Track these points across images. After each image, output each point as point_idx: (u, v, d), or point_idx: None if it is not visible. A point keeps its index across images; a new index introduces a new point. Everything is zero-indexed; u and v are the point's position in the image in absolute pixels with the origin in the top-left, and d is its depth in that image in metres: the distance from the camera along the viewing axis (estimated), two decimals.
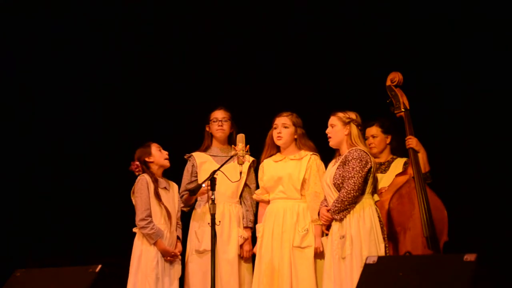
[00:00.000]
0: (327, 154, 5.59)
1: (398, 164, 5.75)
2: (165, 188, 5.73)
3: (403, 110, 5.57)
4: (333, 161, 5.40)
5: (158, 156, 5.74)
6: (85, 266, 4.22)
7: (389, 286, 3.77)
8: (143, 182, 5.65)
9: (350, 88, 6.44)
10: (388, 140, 5.84)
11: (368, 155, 5.23)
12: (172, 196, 5.78)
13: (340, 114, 5.34)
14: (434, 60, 6.32)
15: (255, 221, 5.85)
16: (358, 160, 5.18)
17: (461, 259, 3.63)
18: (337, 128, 5.33)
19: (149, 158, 5.71)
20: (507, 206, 6.01)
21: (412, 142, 5.51)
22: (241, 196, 5.91)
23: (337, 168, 5.26)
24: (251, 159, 5.88)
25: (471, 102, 6.19)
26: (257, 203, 5.88)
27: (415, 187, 5.40)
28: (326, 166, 5.60)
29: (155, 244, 5.59)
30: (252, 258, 5.77)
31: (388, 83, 5.64)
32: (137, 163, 5.71)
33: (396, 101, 5.58)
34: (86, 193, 6.81)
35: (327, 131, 5.36)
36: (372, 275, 3.86)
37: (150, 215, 5.60)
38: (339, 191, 5.21)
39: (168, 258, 5.63)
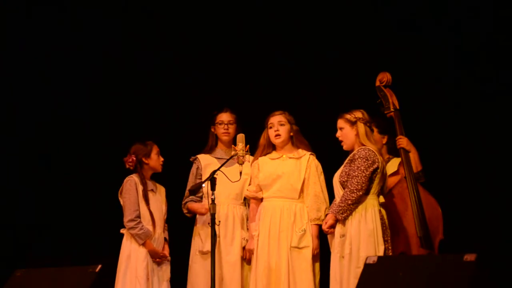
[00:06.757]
0: (323, 154, 5.60)
1: (394, 164, 5.74)
2: (152, 190, 5.74)
3: (392, 110, 5.60)
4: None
5: (155, 160, 5.73)
6: (85, 266, 4.24)
7: (389, 286, 3.78)
8: (131, 183, 5.67)
9: (349, 89, 6.44)
10: (385, 141, 5.82)
11: (376, 155, 5.19)
12: (158, 198, 5.78)
13: (346, 115, 5.29)
14: (423, 59, 6.31)
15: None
16: (364, 159, 5.15)
17: (461, 259, 3.64)
18: (346, 130, 5.28)
19: (146, 160, 5.71)
20: (506, 205, 6.01)
21: (402, 142, 5.53)
22: (245, 197, 5.86)
23: (344, 165, 5.25)
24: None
25: (463, 99, 6.18)
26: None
27: (407, 186, 5.42)
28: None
29: (143, 245, 5.60)
30: None
31: (377, 83, 5.66)
32: (134, 158, 5.70)
33: (386, 101, 5.61)
34: (86, 193, 6.80)
35: (337, 135, 5.32)
36: (372, 275, 3.87)
37: (139, 216, 5.62)
38: (344, 189, 5.20)
39: (157, 259, 5.64)
